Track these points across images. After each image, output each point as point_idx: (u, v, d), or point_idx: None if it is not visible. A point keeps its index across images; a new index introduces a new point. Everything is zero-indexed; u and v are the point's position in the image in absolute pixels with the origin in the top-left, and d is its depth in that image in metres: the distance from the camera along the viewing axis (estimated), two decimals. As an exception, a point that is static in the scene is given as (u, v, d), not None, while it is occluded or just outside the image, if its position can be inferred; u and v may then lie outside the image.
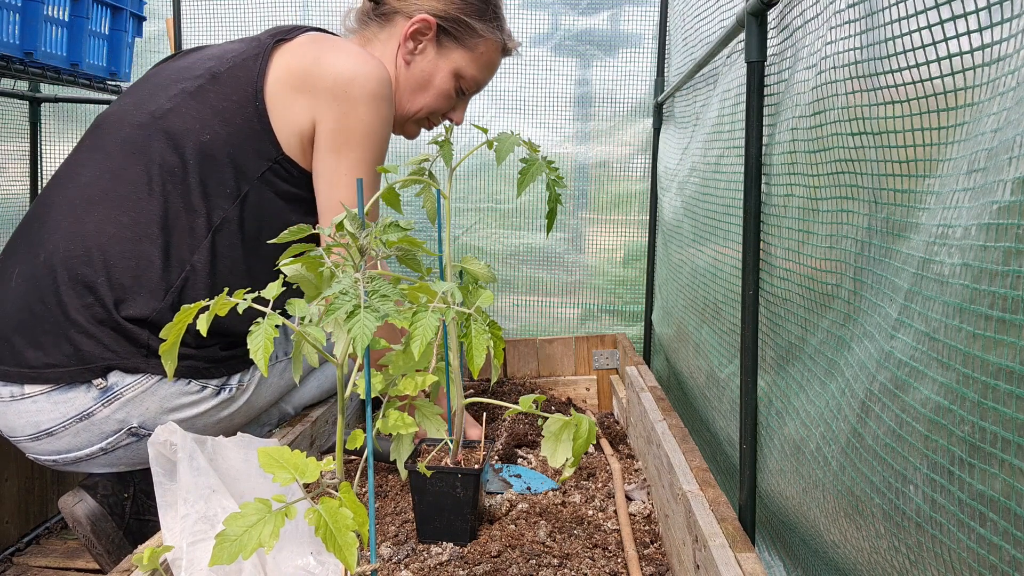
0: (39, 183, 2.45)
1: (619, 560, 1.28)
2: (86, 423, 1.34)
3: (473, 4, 1.64)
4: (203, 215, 1.39)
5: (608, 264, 2.51)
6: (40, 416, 1.34)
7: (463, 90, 1.70)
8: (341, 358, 0.93)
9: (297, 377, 0.93)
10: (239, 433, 1.18)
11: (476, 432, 1.64)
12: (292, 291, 0.98)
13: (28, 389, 1.33)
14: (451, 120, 1.71)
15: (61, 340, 1.33)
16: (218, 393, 1.44)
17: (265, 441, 1.20)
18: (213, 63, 1.48)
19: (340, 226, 0.97)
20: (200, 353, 1.40)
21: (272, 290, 0.88)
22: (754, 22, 1.12)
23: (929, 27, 0.65)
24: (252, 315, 0.84)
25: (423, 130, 1.77)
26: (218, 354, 1.42)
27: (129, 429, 1.37)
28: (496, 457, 1.72)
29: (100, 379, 1.34)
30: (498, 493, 1.53)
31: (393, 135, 1.64)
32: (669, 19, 2.30)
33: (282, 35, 1.51)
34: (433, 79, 1.64)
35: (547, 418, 1.17)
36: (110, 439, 1.37)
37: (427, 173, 1.35)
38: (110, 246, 1.36)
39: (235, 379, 1.47)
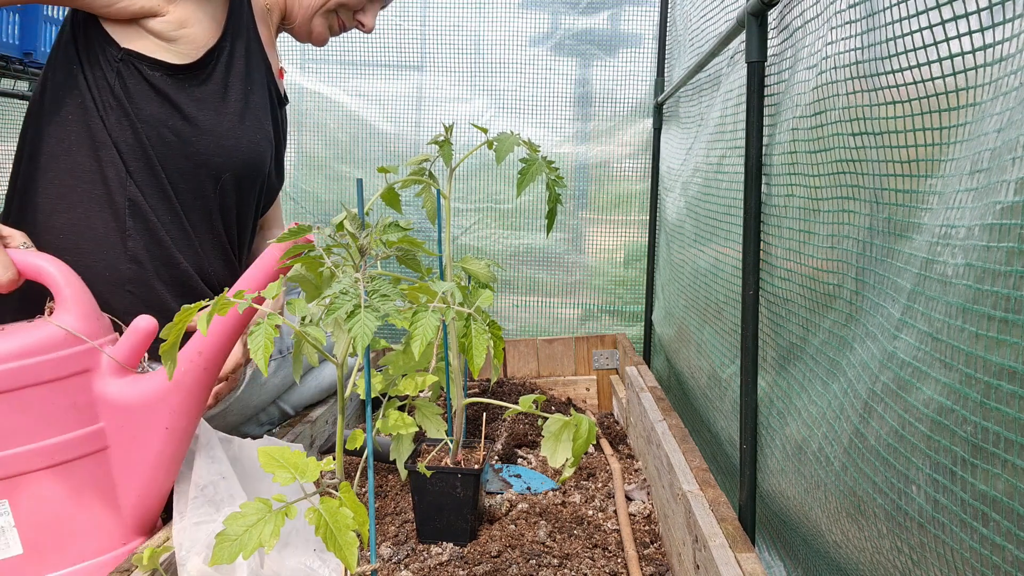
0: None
1: (619, 560, 1.28)
2: None
3: None
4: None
5: (608, 264, 2.51)
6: None
7: None
8: (341, 358, 0.93)
9: (297, 376, 0.93)
10: (265, 436, 1.18)
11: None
12: None
13: None
14: (361, 25, 1.59)
15: None
16: None
17: (288, 444, 1.23)
18: None
19: (340, 226, 0.97)
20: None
21: (273, 290, 0.88)
22: (754, 22, 1.12)
23: (931, 27, 0.65)
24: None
25: (332, 38, 1.63)
26: None
27: None
28: (496, 457, 1.72)
29: None
30: (498, 493, 1.53)
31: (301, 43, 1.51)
32: (669, 19, 2.30)
33: None
34: None
35: (547, 418, 1.17)
36: None
37: (427, 173, 1.35)
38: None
39: None
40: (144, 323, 1.09)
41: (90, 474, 1.04)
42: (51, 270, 1.06)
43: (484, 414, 1.59)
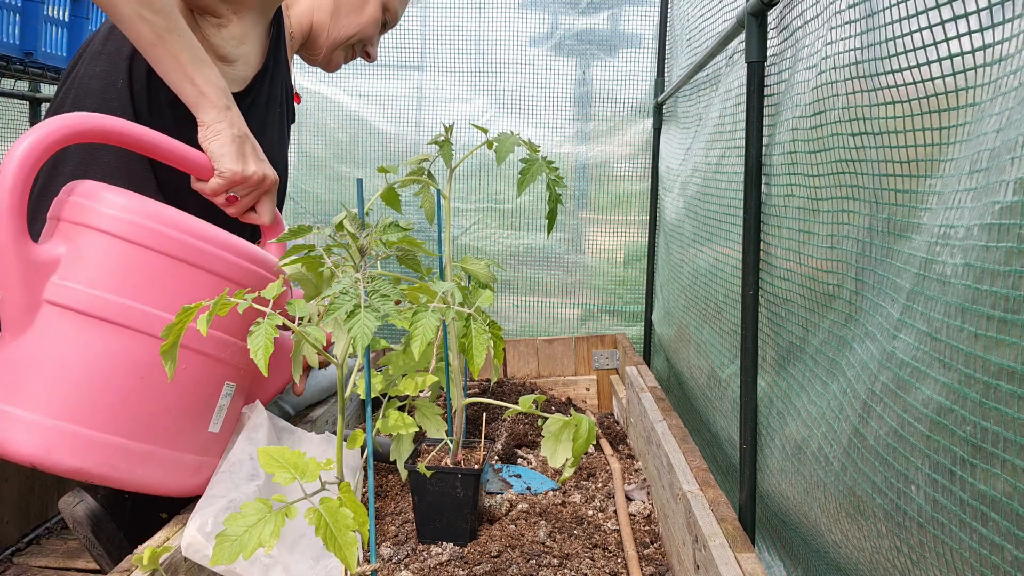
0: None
1: (619, 560, 1.28)
2: None
3: None
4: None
5: (608, 264, 2.51)
6: None
7: (385, 21, 1.74)
8: (341, 358, 0.93)
9: (297, 376, 0.93)
10: (326, 433, 1.22)
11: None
12: None
13: None
14: (368, 55, 1.74)
15: None
16: None
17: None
18: None
19: (340, 226, 0.97)
20: None
21: (273, 290, 0.88)
22: (754, 22, 1.12)
23: (930, 27, 0.65)
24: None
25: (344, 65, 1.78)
26: None
27: None
28: (496, 457, 1.72)
29: None
30: (498, 493, 1.53)
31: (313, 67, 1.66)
32: (669, 19, 2.30)
33: None
34: (368, 2, 1.68)
35: (547, 418, 1.17)
36: None
37: (426, 173, 1.35)
38: None
39: None
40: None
41: (244, 390, 1.24)
42: (283, 222, 1.34)
43: (484, 414, 1.59)
